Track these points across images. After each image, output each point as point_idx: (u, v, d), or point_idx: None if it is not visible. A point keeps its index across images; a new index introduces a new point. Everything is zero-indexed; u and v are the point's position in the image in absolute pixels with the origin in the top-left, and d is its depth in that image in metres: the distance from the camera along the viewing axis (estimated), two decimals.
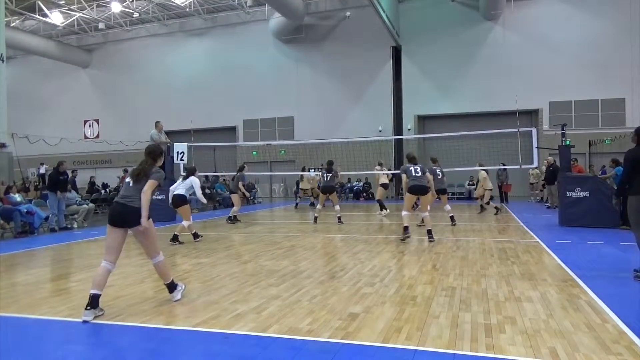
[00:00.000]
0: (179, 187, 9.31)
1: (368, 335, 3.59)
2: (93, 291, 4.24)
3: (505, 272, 5.82)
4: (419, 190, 8.54)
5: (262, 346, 3.44)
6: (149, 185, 4.52)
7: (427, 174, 9.10)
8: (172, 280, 4.82)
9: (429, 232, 8.57)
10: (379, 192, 14.52)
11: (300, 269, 6.22)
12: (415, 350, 3.31)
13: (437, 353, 3.25)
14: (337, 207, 12.03)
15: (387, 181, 14.68)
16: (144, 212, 4.46)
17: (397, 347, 3.38)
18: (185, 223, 9.10)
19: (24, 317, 4.34)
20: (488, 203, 14.46)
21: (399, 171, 10.44)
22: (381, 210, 13.91)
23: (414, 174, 8.62)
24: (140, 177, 4.58)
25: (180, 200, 9.14)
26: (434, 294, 4.81)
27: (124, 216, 4.55)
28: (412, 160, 8.93)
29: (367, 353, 3.29)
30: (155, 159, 4.75)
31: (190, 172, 9.57)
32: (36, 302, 4.85)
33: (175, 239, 8.96)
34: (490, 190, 14.32)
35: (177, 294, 4.80)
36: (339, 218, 11.87)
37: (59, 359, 3.40)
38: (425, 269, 6.10)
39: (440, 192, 11.26)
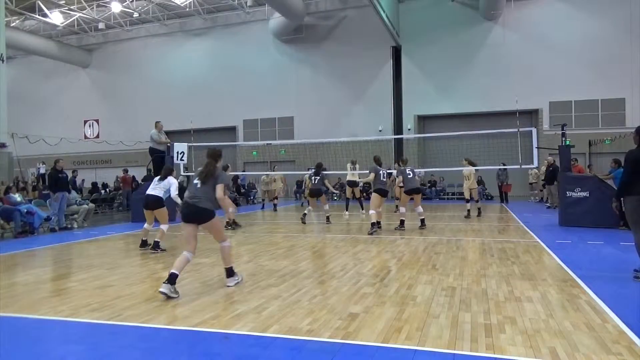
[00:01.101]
0: (155, 188, 8.34)
1: (368, 335, 3.60)
2: (172, 270, 4.90)
3: (505, 272, 5.82)
4: (385, 193, 10.25)
5: (262, 346, 3.44)
6: (220, 189, 5.20)
7: (394, 174, 10.60)
8: (232, 267, 5.37)
9: (375, 224, 9.77)
10: (348, 191, 14.43)
11: (300, 269, 6.22)
12: (415, 350, 3.31)
13: (437, 353, 3.25)
14: (327, 207, 12.28)
15: (355, 179, 14.45)
16: (229, 209, 5.62)
17: (397, 347, 3.38)
18: (163, 227, 8.26)
19: (24, 317, 4.34)
20: (468, 201, 13.70)
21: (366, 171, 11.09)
22: (346, 210, 13.93)
23: (382, 178, 10.21)
24: (207, 178, 5.18)
25: (156, 202, 8.24)
26: (434, 294, 4.81)
27: (193, 215, 5.18)
28: (379, 162, 10.43)
29: (367, 353, 3.29)
30: (217, 160, 5.36)
31: (167, 172, 8.56)
32: (36, 302, 4.85)
33: (155, 246, 8.00)
34: (475, 189, 13.85)
35: (232, 282, 5.31)
36: (327, 217, 12.11)
37: (59, 359, 3.40)
38: (425, 269, 6.10)
39: (413, 191, 10.51)
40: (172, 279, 4.80)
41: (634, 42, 20.68)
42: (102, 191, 20.72)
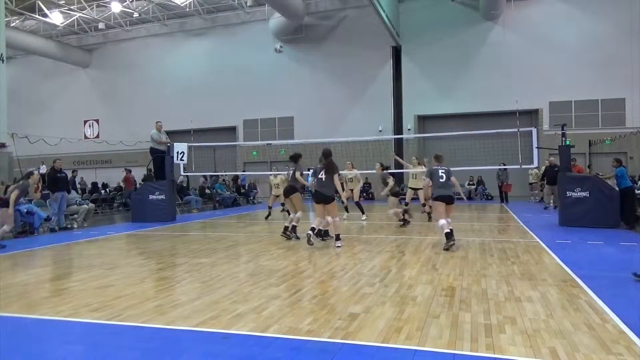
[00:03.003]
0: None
1: (368, 335, 3.59)
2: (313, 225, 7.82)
3: (505, 272, 5.82)
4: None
5: (262, 346, 3.44)
6: (337, 178, 8.17)
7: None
8: (339, 235, 7.97)
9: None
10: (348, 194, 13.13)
11: (300, 269, 6.22)
12: (415, 350, 3.31)
13: (437, 353, 3.25)
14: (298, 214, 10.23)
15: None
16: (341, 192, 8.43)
17: (397, 347, 3.38)
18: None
19: (24, 317, 4.34)
20: (407, 204, 12.13)
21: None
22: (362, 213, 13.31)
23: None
24: (329, 172, 8.09)
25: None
26: (434, 294, 4.81)
27: (323, 199, 7.98)
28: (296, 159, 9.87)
29: (367, 353, 3.29)
30: (326, 157, 8.38)
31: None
32: (36, 302, 4.85)
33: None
34: (414, 189, 12.48)
35: (339, 243, 7.88)
36: (294, 228, 10.28)
37: (59, 359, 3.40)
38: (425, 269, 6.10)
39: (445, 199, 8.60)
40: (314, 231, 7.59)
41: (634, 43, 20.68)
42: (102, 191, 20.71)
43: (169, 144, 13.80)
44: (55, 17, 27.45)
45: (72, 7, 26.24)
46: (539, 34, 21.98)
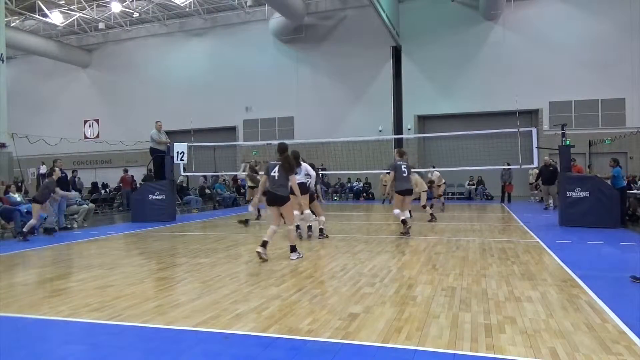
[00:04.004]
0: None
1: (368, 335, 3.60)
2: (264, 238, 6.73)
3: (505, 272, 5.82)
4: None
5: (262, 346, 3.44)
6: (294, 178, 6.96)
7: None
8: (294, 246, 6.90)
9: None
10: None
11: (300, 269, 6.22)
12: (415, 350, 3.31)
13: (437, 353, 3.25)
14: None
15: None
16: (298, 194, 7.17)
17: (397, 347, 3.38)
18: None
19: (24, 317, 4.34)
20: (425, 207, 12.43)
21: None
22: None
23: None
24: (284, 170, 6.80)
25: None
26: (434, 294, 4.81)
27: (276, 200, 6.83)
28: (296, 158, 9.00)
29: (367, 353, 3.29)
30: (282, 153, 7.00)
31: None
32: (36, 302, 4.85)
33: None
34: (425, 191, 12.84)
35: (293, 256, 6.81)
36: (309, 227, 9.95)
37: (59, 359, 3.40)
38: (425, 269, 6.10)
39: (406, 192, 9.38)
40: (264, 245, 6.58)
41: (634, 43, 20.68)
42: (102, 191, 20.71)
43: (168, 144, 13.79)
44: (55, 17, 27.45)
45: (72, 7, 26.24)
46: (539, 34, 21.97)
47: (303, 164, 8.92)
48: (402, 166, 9.09)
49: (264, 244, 6.75)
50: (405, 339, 3.52)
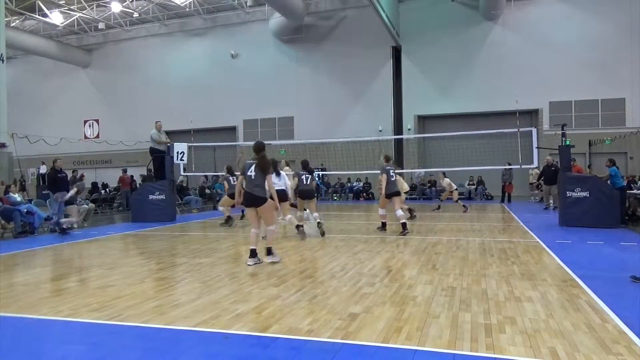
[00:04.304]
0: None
1: (368, 335, 3.60)
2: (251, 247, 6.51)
3: (505, 272, 5.82)
4: (308, 194, 9.63)
5: (262, 346, 3.44)
6: (270, 178, 6.65)
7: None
8: (270, 248, 6.54)
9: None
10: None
11: (300, 269, 6.22)
12: (415, 350, 3.31)
13: (437, 353, 3.25)
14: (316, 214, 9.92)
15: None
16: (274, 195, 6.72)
17: (397, 347, 3.38)
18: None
19: (24, 317, 4.34)
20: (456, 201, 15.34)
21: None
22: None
23: (305, 182, 9.57)
24: (260, 170, 6.50)
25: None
26: (434, 294, 4.81)
27: (253, 200, 6.53)
28: (305, 167, 9.76)
29: (367, 353, 3.29)
30: (258, 152, 6.64)
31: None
32: (36, 302, 4.85)
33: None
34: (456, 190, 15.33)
35: (269, 259, 6.47)
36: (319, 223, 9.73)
37: (59, 359, 3.40)
38: (425, 269, 6.10)
39: (394, 195, 9.72)
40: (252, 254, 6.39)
41: (634, 43, 20.69)
42: (102, 191, 20.71)
43: (168, 144, 13.79)
44: (55, 17, 27.46)
45: (72, 7, 26.25)
46: (539, 34, 21.98)
47: (282, 172, 9.53)
48: (390, 170, 9.68)
49: (253, 254, 6.51)
50: (405, 339, 3.52)
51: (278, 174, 9.22)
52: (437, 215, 14.08)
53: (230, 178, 11.81)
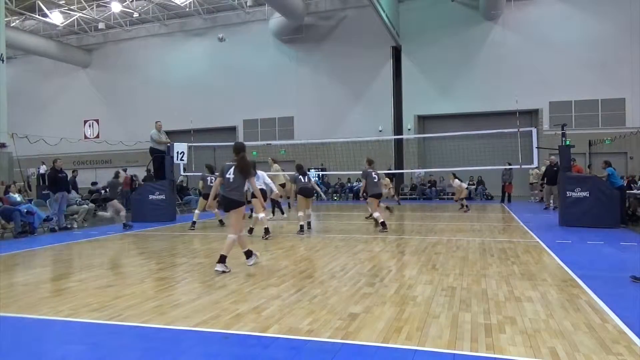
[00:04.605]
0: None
1: (368, 335, 3.60)
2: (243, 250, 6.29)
3: (505, 272, 5.82)
4: (309, 192, 10.20)
5: (262, 346, 3.44)
6: (253, 181, 6.47)
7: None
8: (250, 251, 6.38)
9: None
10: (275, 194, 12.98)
11: (300, 269, 6.22)
12: (415, 350, 3.31)
13: (437, 353, 3.25)
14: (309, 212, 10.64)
15: (285, 182, 14.24)
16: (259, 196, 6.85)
17: (397, 347, 3.38)
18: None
19: (24, 317, 4.34)
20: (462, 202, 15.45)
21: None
22: (282, 213, 13.30)
23: (303, 180, 10.12)
24: (240, 172, 6.18)
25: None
26: (434, 294, 4.81)
27: (232, 205, 6.20)
28: (300, 170, 10.33)
29: (367, 353, 3.29)
30: (238, 153, 6.32)
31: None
32: (36, 302, 4.85)
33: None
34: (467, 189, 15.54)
35: (251, 260, 6.34)
36: (309, 224, 10.53)
37: (59, 359, 3.40)
38: (425, 269, 6.10)
39: (377, 196, 10.43)
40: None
41: (634, 43, 20.69)
42: (102, 191, 20.68)
43: (168, 144, 13.79)
44: (55, 17, 27.46)
45: (72, 7, 26.26)
46: (539, 34, 21.98)
47: (259, 172, 10.05)
48: (372, 173, 10.23)
49: (248, 254, 6.34)
50: (405, 339, 3.52)
51: (255, 174, 9.39)
52: (437, 215, 14.08)
53: (208, 177, 11.57)
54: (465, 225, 11.31)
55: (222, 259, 6.11)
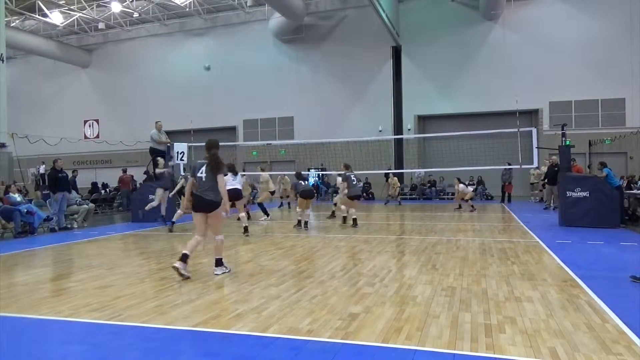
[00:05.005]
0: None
1: (368, 335, 3.60)
2: (184, 251, 5.64)
3: (505, 272, 5.82)
4: (310, 194, 10.86)
5: (262, 346, 3.44)
6: (221, 179, 5.80)
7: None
8: (220, 259, 5.97)
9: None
10: (265, 196, 13.84)
11: (300, 269, 6.22)
12: (415, 350, 3.31)
13: (437, 353, 3.25)
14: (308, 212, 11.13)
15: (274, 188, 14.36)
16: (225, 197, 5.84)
17: (397, 347, 3.38)
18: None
19: (24, 317, 4.34)
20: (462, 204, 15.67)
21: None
22: (266, 215, 13.39)
23: (303, 184, 10.98)
24: (212, 169, 5.74)
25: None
26: (434, 294, 4.81)
27: (204, 205, 5.79)
28: (300, 177, 11.27)
29: (367, 353, 3.29)
30: (209, 150, 5.90)
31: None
32: (36, 302, 4.85)
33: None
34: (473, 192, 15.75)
35: (218, 270, 5.88)
36: (306, 223, 10.81)
37: (59, 359, 3.40)
38: (425, 269, 6.10)
39: (357, 197, 11.42)
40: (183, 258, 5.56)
41: (634, 43, 20.69)
42: (102, 191, 20.71)
43: (168, 144, 13.79)
44: (55, 17, 27.46)
45: (72, 7, 26.25)
46: (539, 34, 21.98)
47: (239, 173, 10.44)
48: (352, 176, 11.21)
49: (184, 258, 5.63)
50: (405, 339, 3.52)
51: (235, 174, 10.03)
52: (437, 215, 14.08)
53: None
54: (465, 225, 11.32)
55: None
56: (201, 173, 5.81)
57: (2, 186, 12.58)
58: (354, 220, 11.16)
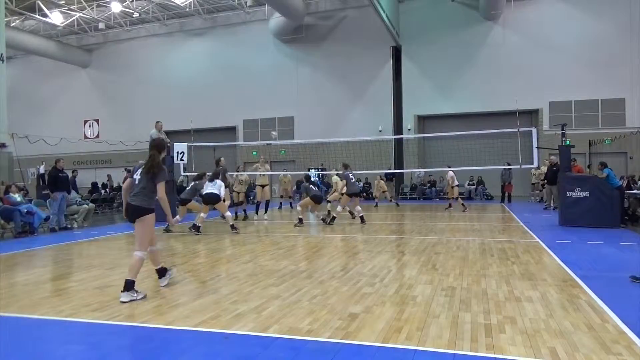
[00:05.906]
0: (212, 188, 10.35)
1: (368, 335, 3.60)
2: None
3: (505, 272, 5.82)
4: (320, 199, 11.69)
5: (262, 346, 3.44)
6: (161, 186, 5.19)
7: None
8: (164, 269, 5.42)
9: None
10: (262, 193, 13.76)
11: (300, 269, 6.22)
12: (415, 350, 3.31)
13: (437, 353, 3.25)
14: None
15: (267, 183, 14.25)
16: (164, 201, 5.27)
17: (397, 347, 3.38)
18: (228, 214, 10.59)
19: (24, 317, 4.34)
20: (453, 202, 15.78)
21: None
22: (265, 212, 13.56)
23: (314, 189, 11.80)
24: (148, 171, 5.07)
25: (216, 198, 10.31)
26: (434, 294, 4.81)
27: (132, 212, 5.05)
28: (309, 180, 12.14)
29: (367, 353, 3.29)
30: (151, 149, 5.25)
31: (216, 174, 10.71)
32: (36, 302, 4.85)
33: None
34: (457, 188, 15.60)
35: (164, 281, 5.36)
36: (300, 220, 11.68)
37: (59, 359, 3.40)
38: (425, 269, 6.10)
39: (356, 195, 12.10)
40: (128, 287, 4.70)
41: (634, 42, 20.69)
42: (102, 191, 20.71)
43: (168, 144, 13.78)
44: (55, 17, 27.45)
45: (72, 7, 26.23)
46: (539, 34, 21.98)
47: (218, 181, 10.56)
48: (350, 175, 11.70)
49: (161, 272, 5.33)
50: (405, 339, 3.52)
51: (212, 180, 10.54)
52: (437, 215, 14.08)
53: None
54: (465, 225, 11.32)
55: (129, 286, 4.73)
56: (136, 175, 5.09)
57: (2, 186, 12.56)
58: (362, 217, 11.69)
